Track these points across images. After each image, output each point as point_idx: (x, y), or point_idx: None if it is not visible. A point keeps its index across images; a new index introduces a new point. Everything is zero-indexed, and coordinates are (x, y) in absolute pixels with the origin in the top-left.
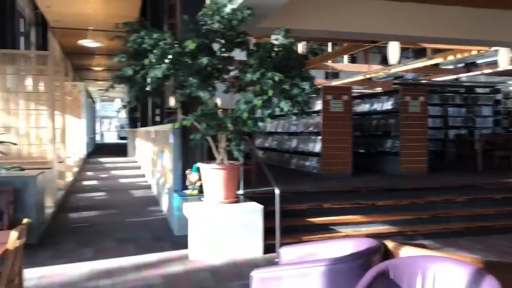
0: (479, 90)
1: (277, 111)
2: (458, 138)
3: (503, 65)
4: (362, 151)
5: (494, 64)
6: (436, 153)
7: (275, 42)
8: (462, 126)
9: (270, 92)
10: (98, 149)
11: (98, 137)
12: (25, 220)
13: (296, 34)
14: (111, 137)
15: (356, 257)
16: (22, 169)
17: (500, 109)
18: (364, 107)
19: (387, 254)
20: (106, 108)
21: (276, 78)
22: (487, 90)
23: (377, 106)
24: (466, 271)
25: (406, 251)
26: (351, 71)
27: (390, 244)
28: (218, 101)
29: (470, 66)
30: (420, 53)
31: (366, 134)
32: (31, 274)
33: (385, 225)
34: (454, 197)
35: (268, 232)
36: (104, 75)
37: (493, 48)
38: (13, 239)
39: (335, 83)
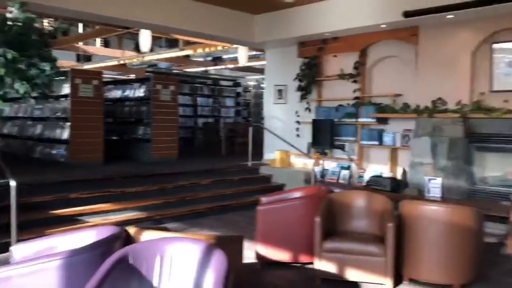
0: (224, 82)
1: (12, 93)
2: (206, 126)
3: (242, 62)
4: (115, 138)
5: (236, 60)
6: (186, 140)
7: (9, 16)
8: (209, 115)
9: (2, 71)
10: None
11: None
12: None
13: (37, 9)
14: None
15: (95, 246)
16: None
17: (240, 100)
18: (117, 93)
19: (129, 240)
20: None
21: (9, 56)
22: (230, 83)
23: (130, 93)
24: (199, 248)
25: (147, 235)
26: (104, 56)
27: (131, 230)
28: None
29: (217, 60)
30: (173, 44)
31: (119, 121)
32: None
33: (134, 212)
34: (199, 180)
35: (4, 229)
36: None
37: (235, 46)
38: None
39: (87, 66)
